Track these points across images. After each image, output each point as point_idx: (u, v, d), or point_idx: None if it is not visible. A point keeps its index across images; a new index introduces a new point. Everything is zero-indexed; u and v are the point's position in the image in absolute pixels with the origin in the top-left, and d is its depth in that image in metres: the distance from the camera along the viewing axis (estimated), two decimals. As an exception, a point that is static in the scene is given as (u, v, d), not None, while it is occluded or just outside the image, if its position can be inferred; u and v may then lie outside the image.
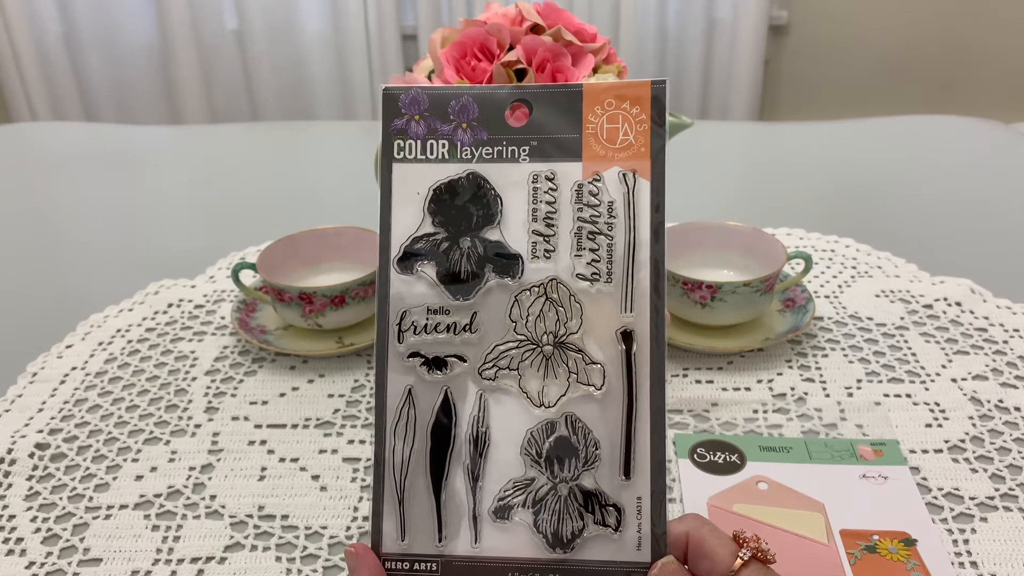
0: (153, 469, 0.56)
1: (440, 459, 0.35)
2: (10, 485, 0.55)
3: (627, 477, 0.34)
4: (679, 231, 0.70)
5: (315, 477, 0.55)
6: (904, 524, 0.49)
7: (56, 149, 1.17)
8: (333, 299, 0.65)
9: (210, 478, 0.55)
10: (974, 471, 0.53)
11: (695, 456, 0.55)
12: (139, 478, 0.55)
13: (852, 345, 0.67)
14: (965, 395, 0.60)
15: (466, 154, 0.36)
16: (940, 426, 0.58)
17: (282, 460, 0.57)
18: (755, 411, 0.60)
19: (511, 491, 0.35)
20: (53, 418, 0.61)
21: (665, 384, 0.35)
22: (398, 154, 0.36)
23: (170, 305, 0.75)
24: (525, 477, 0.35)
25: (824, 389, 0.62)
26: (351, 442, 0.58)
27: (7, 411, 0.61)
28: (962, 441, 0.56)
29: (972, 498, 0.51)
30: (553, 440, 0.35)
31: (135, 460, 0.57)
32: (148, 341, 0.70)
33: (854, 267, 0.78)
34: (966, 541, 0.48)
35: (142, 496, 0.54)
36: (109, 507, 0.53)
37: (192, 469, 0.56)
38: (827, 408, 0.60)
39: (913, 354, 0.65)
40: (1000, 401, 0.60)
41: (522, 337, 0.35)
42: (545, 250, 0.36)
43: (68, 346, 0.69)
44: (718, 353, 0.65)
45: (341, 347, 0.66)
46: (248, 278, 0.73)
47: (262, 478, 0.55)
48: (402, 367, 0.36)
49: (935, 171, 1.00)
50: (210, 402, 0.62)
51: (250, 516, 0.52)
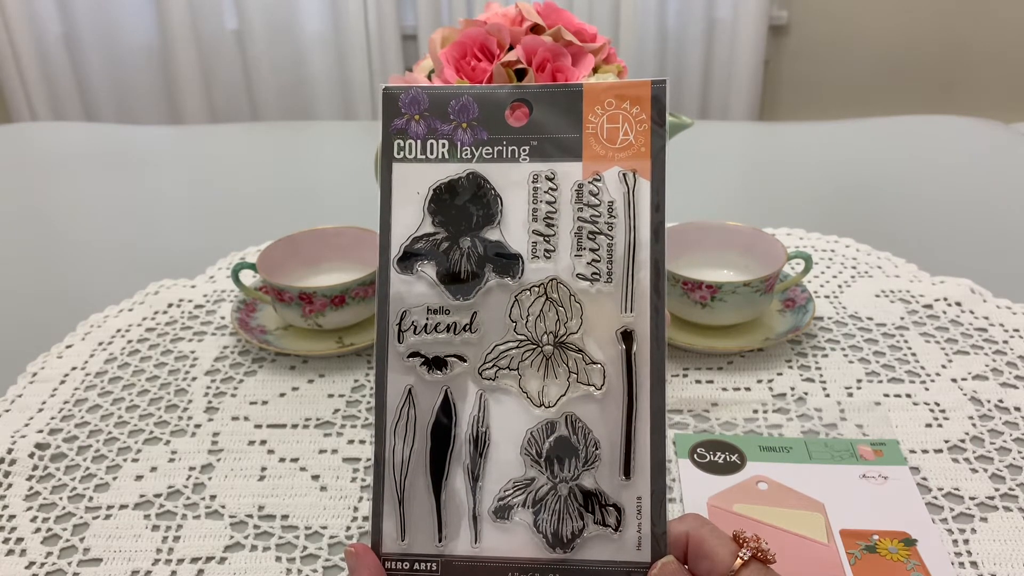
0: (153, 469, 0.56)
1: (440, 459, 0.35)
2: (10, 485, 0.55)
3: (627, 477, 0.34)
4: (679, 231, 0.70)
5: (315, 477, 0.55)
6: (904, 524, 0.49)
7: (56, 149, 1.17)
8: (333, 299, 0.65)
9: (210, 478, 0.55)
10: (974, 471, 0.53)
11: (695, 456, 0.55)
12: (139, 478, 0.55)
13: (852, 345, 0.67)
14: (965, 395, 0.60)
15: (466, 154, 0.36)
16: (940, 426, 0.58)
17: (282, 460, 0.57)
18: (755, 411, 0.60)
19: (511, 491, 0.35)
20: (53, 418, 0.61)
21: (665, 384, 0.35)
22: (398, 154, 0.36)
23: (170, 305, 0.75)
24: (525, 477, 0.35)
25: (824, 389, 0.62)
26: (351, 442, 0.58)
27: (7, 411, 0.61)
28: (962, 441, 0.56)
29: (972, 498, 0.51)
30: (553, 440, 0.35)
31: (135, 460, 0.57)
32: (148, 341, 0.70)
33: (854, 267, 0.78)
34: (966, 541, 0.48)
35: (142, 496, 0.54)
36: (109, 507, 0.53)
37: (192, 469, 0.56)
38: (827, 408, 0.60)
39: (913, 354, 0.65)
40: (1000, 401, 0.60)
41: (522, 337, 0.35)
42: (545, 250, 0.36)
43: (68, 346, 0.69)
44: (718, 353, 0.65)
45: (341, 347, 0.66)
46: (248, 278, 0.73)
47: (262, 478, 0.55)
48: (402, 367, 0.36)
49: (935, 171, 1.00)
50: (210, 402, 0.62)
51: (250, 516, 0.52)
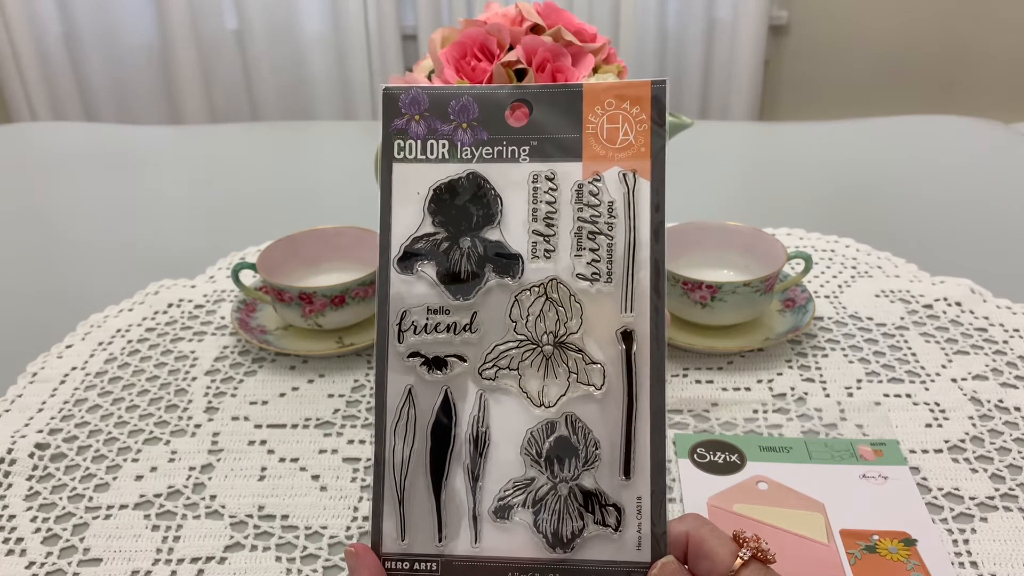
0: (153, 469, 0.56)
1: (440, 459, 0.35)
2: (10, 485, 0.55)
3: (627, 477, 0.34)
4: (679, 231, 0.70)
5: (315, 477, 0.55)
6: (904, 524, 0.49)
7: (56, 149, 1.17)
8: (333, 299, 0.65)
9: (210, 478, 0.55)
10: (974, 471, 0.53)
11: (695, 456, 0.55)
12: (139, 478, 0.55)
13: (852, 345, 0.67)
14: (965, 395, 0.60)
15: (466, 154, 0.36)
16: (940, 426, 0.57)
17: (282, 460, 0.57)
18: (755, 411, 0.60)
19: (511, 491, 0.35)
20: (53, 418, 0.61)
21: (665, 384, 0.35)
22: (398, 154, 0.36)
23: (170, 305, 0.75)
24: (525, 477, 0.35)
25: (824, 389, 0.62)
26: (351, 442, 0.58)
27: (7, 411, 0.61)
28: (962, 441, 0.56)
29: (972, 498, 0.51)
30: (553, 440, 0.35)
31: (135, 460, 0.57)
32: (148, 341, 0.70)
33: (854, 267, 0.78)
34: (966, 541, 0.48)
35: (142, 496, 0.54)
36: (109, 507, 0.53)
37: (192, 469, 0.56)
38: (827, 408, 0.60)
39: (913, 354, 0.65)
40: (1000, 401, 0.60)
41: (522, 337, 0.35)
42: (545, 250, 0.36)
43: (68, 346, 0.69)
44: (718, 353, 0.65)
45: (341, 347, 0.66)
46: (248, 278, 0.73)
47: (262, 478, 0.55)
48: (402, 367, 0.36)
49: (935, 171, 1.00)
50: (210, 402, 0.62)
51: (250, 516, 0.52)
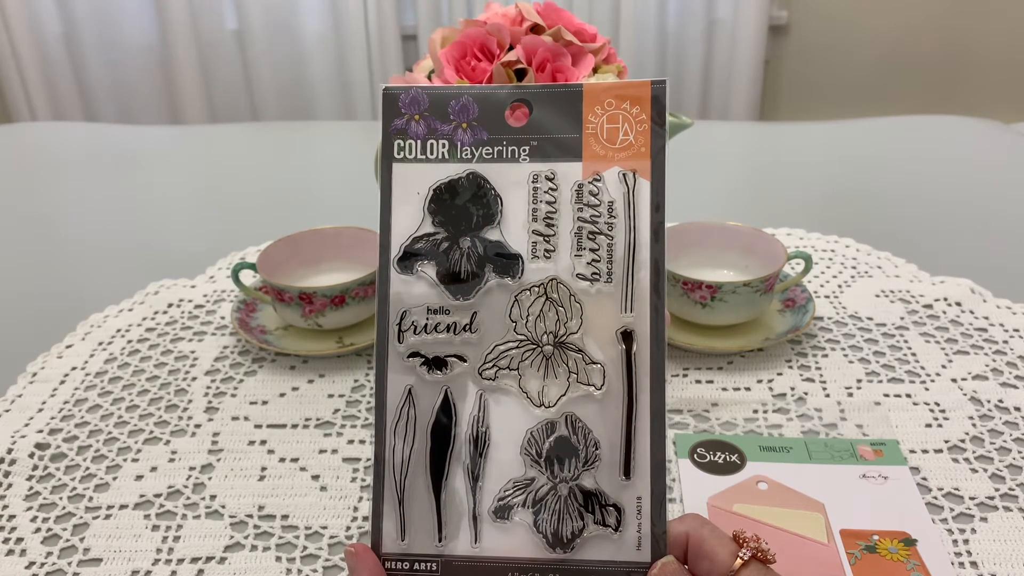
0: (153, 469, 0.56)
1: (440, 459, 0.35)
2: (10, 485, 0.55)
3: (627, 477, 0.34)
4: (679, 231, 0.70)
5: (315, 477, 0.55)
6: (904, 524, 0.49)
7: (56, 149, 1.17)
8: (333, 299, 0.65)
9: (210, 478, 0.55)
10: (974, 471, 0.53)
11: (695, 456, 0.55)
12: (139, 478, 0.55)
13: (852, 345, 0.67)
14: (965, 395, 0.60)
15: (466, 154, 0.36)
16: (940, 426, 0.57)
17: (282, 460, 0.57)
18: (755, 411, 0.60)
19: (511, 491, 0.35)
20: (53, 418, 0.61)
21: (665, 384, 0.35)
22: (398, 154, 0.36)
23: (170, 305, 0.75)
24: (525, 477, 0.35)
25: (824, 389, 0.62)
26: (351, 442, 0.58)
27: (7, 411, 0.61)
28: (962, 441, 0.56)
29: (972, 498, 0.51)
30: (553, 440, 0.35)
31: (135, 460, 0.57)
32: (148, 341, 0.70)
33: (854, 267, 0.78)
34: (966, 541, 0.48)
35: (142, 496, 0.54)
36: (109, 507, 0.53)
37: (192, 469, 0.56)
38: (827, 408, 0.60)
39: (913, 354, 0.65)
40: (1000, 401, 0.60)
41: (522, 337, 0.35)
42: (545, 250, 0.36)
43: (68, 346, 0.69)
44: (718, 353, 0.65)
45: (341, 347, 0.66)
46: (248, 278, 0.73)
47: (262, 478, 0.55)
48: (402, 367, 0.36)
49: (935, 171, 1.00)
50: (210, 402, 0.62)
51: (250, 516, 0.52)
